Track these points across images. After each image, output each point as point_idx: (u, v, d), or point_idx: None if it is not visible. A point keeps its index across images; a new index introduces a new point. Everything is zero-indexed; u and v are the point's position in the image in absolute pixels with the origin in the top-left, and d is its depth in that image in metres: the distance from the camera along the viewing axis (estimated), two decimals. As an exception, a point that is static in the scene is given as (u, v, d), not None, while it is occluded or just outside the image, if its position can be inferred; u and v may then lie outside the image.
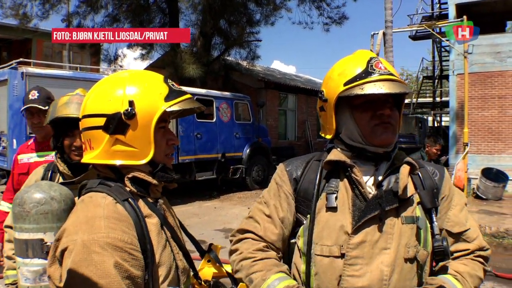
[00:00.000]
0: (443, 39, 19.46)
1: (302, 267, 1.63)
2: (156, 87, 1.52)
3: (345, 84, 1.59)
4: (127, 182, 1.49)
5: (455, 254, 1.71)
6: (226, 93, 15.18)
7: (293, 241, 1.71)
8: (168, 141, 1.57)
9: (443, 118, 30.61)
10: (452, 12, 17.99)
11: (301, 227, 1.66)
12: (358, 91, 1.55)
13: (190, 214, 11.37)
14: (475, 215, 10.38)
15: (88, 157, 1.55)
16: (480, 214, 10.64)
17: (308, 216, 1.64)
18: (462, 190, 12.72)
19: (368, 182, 1.64)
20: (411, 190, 1.62)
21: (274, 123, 21.65)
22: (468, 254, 1.71)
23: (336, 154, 1.67)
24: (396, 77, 1.60)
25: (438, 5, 23.07)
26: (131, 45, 18.87)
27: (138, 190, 1.50)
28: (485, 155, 17.10)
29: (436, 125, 30.96)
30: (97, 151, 1.51)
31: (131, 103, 1.45)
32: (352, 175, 1.62)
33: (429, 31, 17.27)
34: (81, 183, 1.65)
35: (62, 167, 2.45)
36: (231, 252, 1.76)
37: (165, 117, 1.53)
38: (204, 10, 16.09)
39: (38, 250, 1.66)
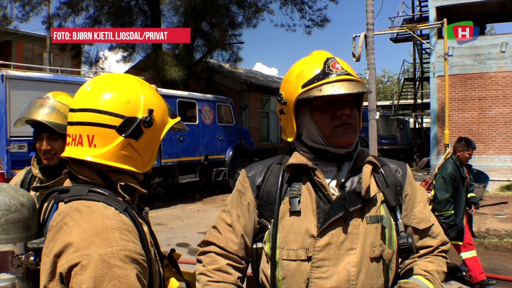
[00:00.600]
0: (424, 41, 19.66)
1: (269, 272, 1.62)
2: (164, 103, 1.60)
3: (303, 86, 1.58)
4: (120, 190, 1.44)
5: (421, 251, 1.73)
6: (209, 96, 15.14)
7: (260, 246, 1.71)
8: None
9: (424, 120, 30.92)
10: (432, 14, 18.20)
11: (267, 233, 1.65)
12: (316, 93, 1.54)
13: (173, 217, 11.32)
14: (456, 216, 10.48)
15: (87, 154, 1.42)
16: (461, 214, 10.73)
17: (272, 221, 1.63)
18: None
19: (331, 184, 1.63)
20: (374, 190, 1.63)
21: (257, 125, 21.65)
22: (433, 251, 1.73)
23: (297, 157, 1.66)
24: (353, 77, 1.60)
25: (418, 8, 23.31)
26: (112, 47, 18.76)
27: (130, 198, 1.47)
28: (466, 156, 17.27)
29: (417, 126, 31.26)
30: (102, 150, 1.42)
31: (150, 112, 1.47)
32: (315, 178, 1.61)
33: (410, 33, 17.43)
34: (50, 188, 1.57)
35: (36, 170, 2.40)
36: (197, 260, 1.79)
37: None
38: (186, 12, 16.03)
39: (7, 265, 1.56)
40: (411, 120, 31.63)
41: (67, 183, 1.60)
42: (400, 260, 1.71)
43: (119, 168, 1.44)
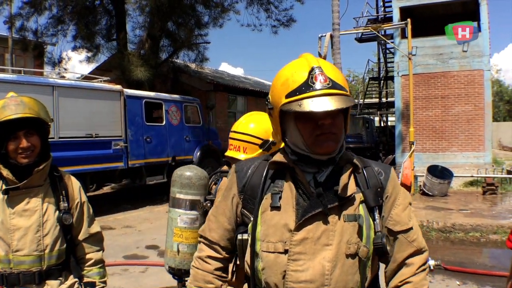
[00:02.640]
0: (388, 41, 19.94)
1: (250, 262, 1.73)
2: None
3: (286, 96, 1.59)
4: None
5: (407, 261, 1.76)
6: (175, 96, 15.01)
7: (245, 237, 1.78)
8: None
9: (389, 118, 31.34)
10: (396, 15, 18.45)
11: (250, 225, 1.74)
12: (296, 108, 1.55)
13: (141, 219, 11.20)
14: (422, 211, 10.67)
15: (241, 157, 2.75)
16: (427, 210, 10.93)
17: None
18: (410, 187, 13.07)
19: (311, 183, 1.68)
20: (352, 189, 1.66)
21: (224, 125, 21.56)
22: (408, 258, 1.76)
23: (280, 156, 1.73)
24: (336, 90, 1.57)
25: (382, 8, 23.63)
26: (76, 47, 18.44)
27: None
28: (430, 153, 17.61)
29: (382, 125, 31.66)
30: (250, 155, 2.71)
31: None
32: (296, 175, 1.68)
33: (375, 33, 17.66)
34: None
35: (5, 172, 2.33)
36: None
37: None
38: (152, 12, 15.87)
39: (196, 206, 2.85)
40: (376, 118, 32.02)
41: (37, 180, 2.37)
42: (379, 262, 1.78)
43: None
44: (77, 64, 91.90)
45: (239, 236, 1.80)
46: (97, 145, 11.45)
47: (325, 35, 13.84)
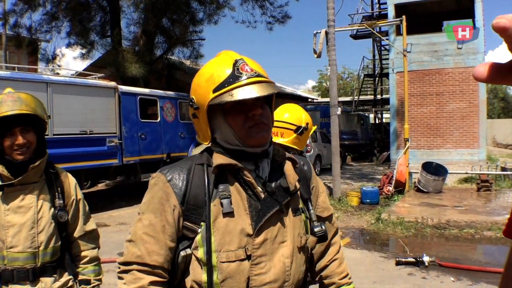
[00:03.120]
0: (383, 38, 19.98)
1: (204, 277, 1.57)
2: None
3: (214, 91, 1.57)
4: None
5: (332, 241, 1.95)
6: (170, 93, 14.97)
7: (189, 252, 1.61)
8: None
9: (384, 115, 31.44)
10: (391, 12, 18.49)
11: (198, 237, 1.58)
12: (228, 98, 1.53)
13: (136, 216, 11.17)
14: (417, 208, 10.69)
15: (280, 141, 3.05)
16: (422, 206, 10.96)
17: (202, 224, 1.58)
18: (404, 183, 13.10)
19: (257, 181, 1.66)
20: (297, 184, 1.70)
21: (219, 122, 21.60)
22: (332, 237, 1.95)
23: (223, 158, 1.63)
24: (263, 78, 1.60)
25: (377, 5, 23.67)
26: (70, 43, 18.37)
27: None
28: (425, 150, 17.68)
29: (377, 121, 31.72)
30: (286, 139, 3.08)
31: (307, 124, 3.14)
32: (244, 177, 1.61)
33: (370, 30, 17.67)
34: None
35: (1, 168, 2.32)
36: (118, 277, 1.64)
37: None
38: (147, 8, 15.84)
39: None
40: (371, 115, 32.10)
41: (32, 177, 2.32)
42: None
43: (293, 147, 3.09)
44: (71, 60, 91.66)
45: (183, 253, 1.61)
46: (91, 142, 11.41)
47: (320, 32, 13.82)
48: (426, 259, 6.86)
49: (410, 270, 6.66)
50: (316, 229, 1.71)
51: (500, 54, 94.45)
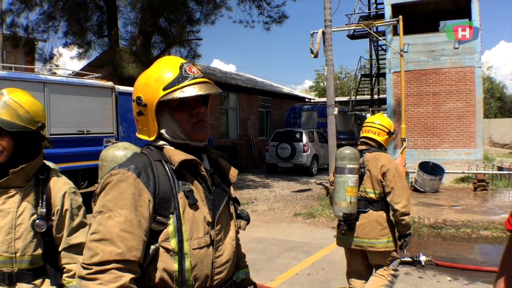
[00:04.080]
0: (380, 38, 19.99)
1: (175, 266, 1.67)
2: None
3: (164, 89, 1.74)
4: None
5: None
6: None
7: (154, 247, 1.65)
8: None
9: (381, 115, 31.34)
10: (388, 12, 18.50)
11: (170, 228, 1.68)
12: (179, 94, 1.72)
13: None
14: (414, 207, 10.71)
15: (376, 138, 4.47)
16: (418, 206, 10.98)
17: (171, 216, 1.69)
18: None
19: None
20: (235, 176, 1.99)
21: (216, 122, 21.57)
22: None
23: (182, 154, 1.77)
24: (207, 79, 1.82)
25: (374, 5, 23.65)
26: (67, 43, 18.33)
27: None
28: (422, 149, 17.70)
29: (374, 122, 31.67)
30: (380, 138, 4.52)
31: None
32: (201, 172, 1.80)
33: (367, 30, 17.68)
34: None
35: None
36: (87, 279, 1.53)
37: None
38: (144, 8, 15.79)
39: (354, 172, 4.24)
40: (368, 115, 32.07)
41: (15, 181, 2.30)
42: None
43: (382, 144, 4.52)
44: (68, 60, 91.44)
45: (153, 246, 1.65)
46: (88, 142, 11.39)
47: (317, 32, 13.83)
48: (422, 258, 6.88)
49: (406, 270, 6.68)
50: (243, 214, 2.00)
51: (497, 54, 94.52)
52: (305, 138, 19.70)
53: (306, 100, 32.76)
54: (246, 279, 2.06)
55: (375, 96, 29.04)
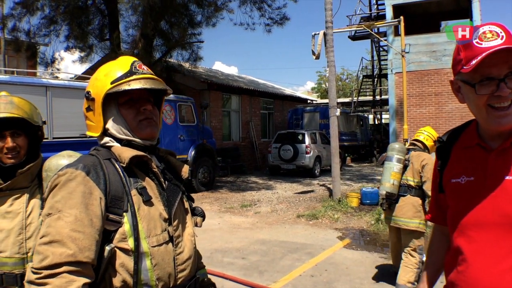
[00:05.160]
0: (381, 39, 19.99)
1: (135, 267, 1.59)
2: None
3: (112, 83, 1.74)
4: None
5: None
6: (169, 95, 14.95)
7: (109, 248, 1.57)
8: None
9: (383, 116, 31.45)
10: (389, 12, 18.51)
11: (126, 227, 1.61)
12: (125, 86, 1.72)
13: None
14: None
15: (426, 142, 5.60)
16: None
17: (125, 214, 1.62)
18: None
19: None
20: (188, 173, 2.00)
21: (218, 124, 21.57)
22: None
23: (132, 151, 1.74)
24: (157, 78, 1.82)
25: (375, 6, 23.70)
26: (69, 47, 18.38)
27: None
28: (424, 150, 17.65)
29: (376, 122, 31.74)
30: (429, 143, 5.66)
31: None
32: (152, 168, 1.77)
33: (368, 31, 17.69)
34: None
35: None
36: (36, 284, 1.44)
37: None
38: (145, 11, 15.81)
39: (400, 162, 5.42)
40: (371, 116, 32.14)
41: (21, 182, 2.32)
42: None
43: (429, 148, 5.62)
44: (70, 64, 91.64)
45: (108, 247, 1.57)
46: (91, 146, 11.24)
47: (318, 33, 13.84)
48: (425, 259, 6.87)
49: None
50: (197, 211, 1.98)
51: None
52: (307, 140, 19.68)
53: (308, 101, 32.77)
54: (206, 279, 2.05)
55: (377, 97, 29.06)
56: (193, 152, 14.98)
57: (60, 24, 17.76)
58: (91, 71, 19.67)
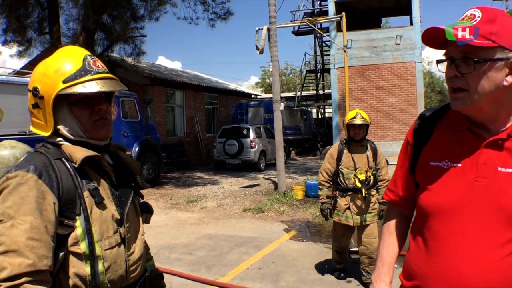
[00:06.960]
0: (324, 34, 20.31)
1: (88, 271, 1.56)
2: None
3: (64, 82, 1.62)
4: None
5: None
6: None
7: (63, 253, 1.53)
8: None
9: (327, 110, 31.97)
10: (331, 8, 18.80)
11: (78, 231, 1.56)
12: (81, 89, 1.60)
13: None
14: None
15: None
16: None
17: (78, 218, 1.57)
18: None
19: None
20: (138, 169, 1.95)
21: (162, 119, 21.33)
22: None
23: (84, 150, 1.66)
24: (112, 75, 1.73)
25: (318, 2, 24.04)
26: (6, 41, 17.71)
27: None
28: (366, 143, 18.09)
29: (320, 116, 32.21)
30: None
31: None
32: (104, 168, 1.72)
33: (311, 26, 17.95)
34: None
35: None
36: None
37: None
38: (86, 4, 15.43)
39: None
40: (314, 110, 32.56)
41: None
42: None
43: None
44: (8, 58, 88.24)
45: (61, 252, 1.53)
46: (30, 143, 11.06)
47: (262, 28, 13.93)
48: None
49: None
50: (145, 207, 1.96)
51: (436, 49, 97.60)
52: (252, 134, 19.77)
53: (253, 96, 32.87)
54: (153, 270, 2.03)
55: (320, 92, 29.50)
56: (137, 148, 14.77)
57: (-3, 17, 17.10)
58: (30, 65, 19.06)
